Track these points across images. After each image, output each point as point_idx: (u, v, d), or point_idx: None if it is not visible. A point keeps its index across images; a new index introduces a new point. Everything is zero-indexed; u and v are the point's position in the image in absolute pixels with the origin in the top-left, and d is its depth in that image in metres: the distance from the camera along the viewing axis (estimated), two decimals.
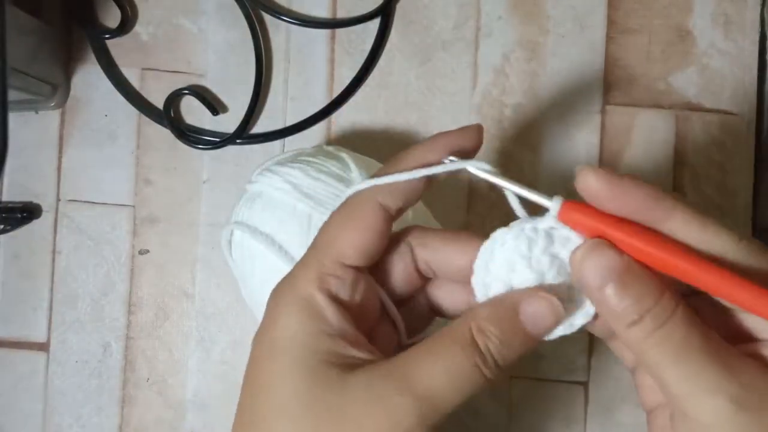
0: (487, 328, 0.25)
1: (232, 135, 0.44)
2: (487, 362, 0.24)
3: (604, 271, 0.23)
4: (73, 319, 0.44)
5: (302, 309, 0.26)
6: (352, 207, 0.27)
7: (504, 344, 0.25)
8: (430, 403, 0.24)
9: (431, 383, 0.24)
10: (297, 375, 0.25)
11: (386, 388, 0.24)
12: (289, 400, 0.24)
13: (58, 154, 0.45)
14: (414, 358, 0.25)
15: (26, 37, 0.41)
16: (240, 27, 0.44)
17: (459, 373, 0.24)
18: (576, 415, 0.43)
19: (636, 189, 0.23)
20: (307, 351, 0.25)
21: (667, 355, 0.23)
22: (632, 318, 0.23)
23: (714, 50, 0.44)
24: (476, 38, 0.45)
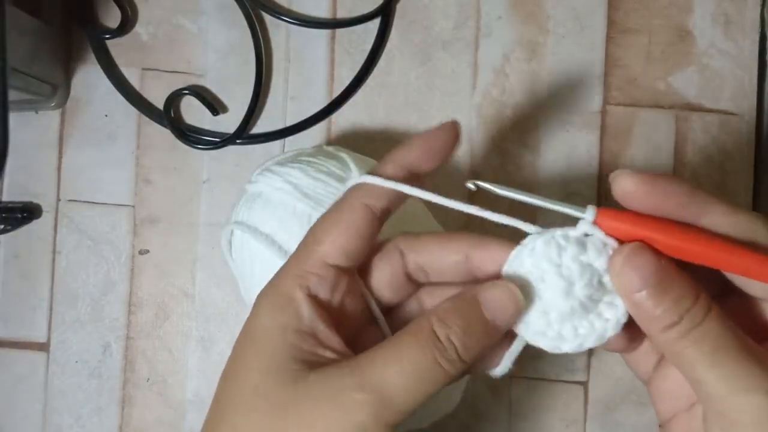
0: (449, 319, 0.25)
1: (232, 135, 0.44)
2: (447, 355, 0.24)
3: (643, 274, 0.24)
4: (73, 319, 0.44)
5: (278, 304, 0.26)
6: (338, 208, 0.27)
7: (467, 335, 0.24)
8: (385, 400, 0.23)
9: (387, 380, 0.24)
10: (262, 370, 0.25)
11: (341, 385, 0.24)
12: (250, 396, 0.25)
13: (58, 154, 0.45)
14: (372, 355, 0.24)
15: (26, 37, 0.41)
16: (240, 27, 0.44)
17: (417, 368, 0.24)
18: (576, 415, 0.43)
19: (671, 187, 0.24)
20: (275, 345, 0.25)
21: (704, 354, 0.23)
22: (672, 320, 0.23)
23: (714, 50, 0.44)
24: (476, 38, 0.45)
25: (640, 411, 0.43)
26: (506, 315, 0.25)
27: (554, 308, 0.25)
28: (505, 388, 0.43)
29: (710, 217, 0.24)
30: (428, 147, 0.28)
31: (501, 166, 0.44)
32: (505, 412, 0.43)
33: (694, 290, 0.24)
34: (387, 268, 0.28)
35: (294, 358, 0.25)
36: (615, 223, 0.24)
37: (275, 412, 0.24)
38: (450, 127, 0.28)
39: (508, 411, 0.43)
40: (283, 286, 0.26)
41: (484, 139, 0.44)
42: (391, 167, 0.27)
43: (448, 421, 0.41)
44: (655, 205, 0.24)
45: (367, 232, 0.27)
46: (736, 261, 0.24)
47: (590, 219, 0.25)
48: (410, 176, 0.27)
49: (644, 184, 0.23)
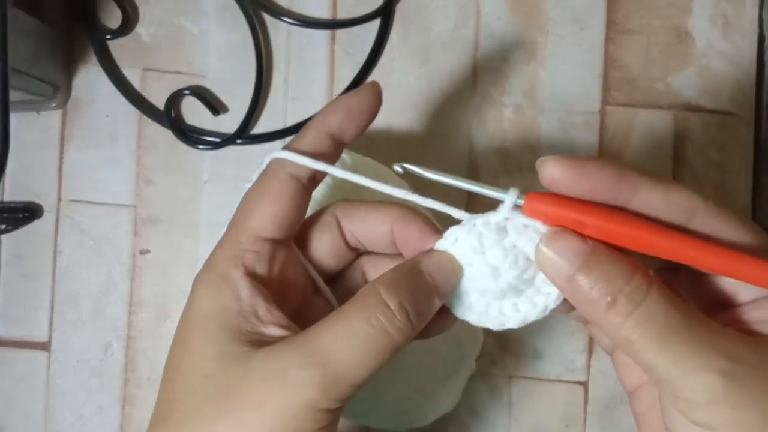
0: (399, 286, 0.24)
1: (232, 135, 0.44)
2: (397, 323, 0.24)
3: (568, 257, 0.23)
4: (74, 319, 0.44)
5: (216, 286, 0.25)
6: (262, 182, 0.27)
7: (418, 300, 0.24)
8: (332, 373, 0.23)
9: (333, 352, 0.23)
10: (206, 354, 0.24)
11: (286, 361, 0.23)
12: (197, 381, 0.24)
13: (59, 155, 0.45)
14: (318, 329, 0.24)
15: (28, 37, 0.41)
16: (240, 28, 0.44)
17: (363, 337, 0.23)
18: (576, 415, 0.43)
19: (598, 171, 0.23)
20: (217, 328, 0.24)
21: (651, 338, 0.22)
22: (605, 300, 0.23)
23: (713, 51, 0.44)
24: (476, 39, 0.45)
25: None
26: (448, 280, 0.25)
27: (488, 290, 0.26)
28: (505, 387, 0.43)
29: (641, 196, 0.23)
30: (349, 110, 0.27)
31: (501, 166, 0.44)
32: (504, 411, 0.43)
33: (628, 266, 0.23)
34: (326, 236, 0.28)
35: (237, 339, 0.24)
36: (541, 207, 0.24)
37: (224, 395, 0.23)
38: (371, 87, 0.28)
39: (507, 411, 0.43)
40: (218, 267, 0.26)
41: (484, 138, 0.44)
42: (313, 134, 0.27)
43: (448, 421, 0.41)
44: (583, 190, 0.23)
45: (296, 201, 0.26)
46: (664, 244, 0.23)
47: (510, 202, 0.25)
48: (334, 142, 0.27)
49: (570, 169, 0.23)
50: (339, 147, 0.27)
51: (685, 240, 0.23)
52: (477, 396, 0.43)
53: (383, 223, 0.27)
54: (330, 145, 0.27)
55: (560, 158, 0.23)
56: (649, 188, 0.23)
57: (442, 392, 0.38)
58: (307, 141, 0.27)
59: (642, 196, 0.23)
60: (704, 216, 0.23)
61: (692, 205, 0.23)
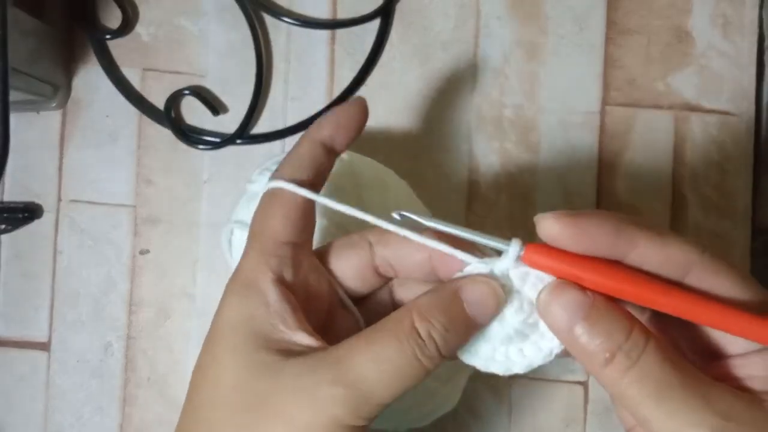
0: (431, 314, 0.24)
1: (232, 135, 0.44)
2: (427, 351, 0.24)
3: (569, 311, 0.24)
4: (74, 319, 0.44)
5: (243, 294, 0.26)
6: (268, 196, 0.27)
7: (448, 331, 0.24)
8: (362, 394, 0.23)
9: (365, 373, 0.23)
10: (235, 364, 0.24)
11: (318, 377, 0.23)
12: (226, 392, 0.24)
13: (59, 155, 0.45)
14: (350, 347, 0.24)
15: (28, 37, 0.41)
16: (240, 28, 0.44)
17: (395, 364, 0.24)
18: (576, 415, 0.43)
19: (595, 227, 0.23)
20: (245, 337, 0.25)
21: (647, 394, 0.23)
22: (604, 356, 0.23)
23: (713, 51, 0.44)
24: (476, 38, 0.45)
25: None
26: (487, 311, 0.25)
27: (494, 335, 0.26)
28: (505, 387, 0.43)
29: (638, 251, 0.24)
30: (338, 123, 0.28)
31: (501, 166, 0.44)
32: (504, 411, 0.43)
33: (627, 322, 0.23)
34: (354, 259, 0.28)
35: (266, 348, 0.24)
36: (540, 260, 0.24)
37: (252, 406, 0.24)
38: (357, 102, 0.28)
39: (507, 411, 0.43)
40: (245, 276, 0.26)
41: (484, 139, 0.44)
42: (307, 144, 0.28)
43: (448, 421, 0.41)
44: (581, 246, 0.24)
45: (304, 206, 0.27)
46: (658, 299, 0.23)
47: (514, 255, 0.25)
48: (326, 151, 0.28)
49: (567, 227, 0.23)
50: (332, 156, 0.28)
51: (679, 295, 0.23)
52: (477, 396, 0.43)
53: (421, 251, 0.27)
54: (323, 154, 0.28)
55: (558, 216, 0.24)
56: (645, 244, 0.24)
57: (442, 392, 0.38)
58: (303, 151, 0.27)
59: (639, 251, 0.24)
60: (700, 270, 0.24)
61: (689, 260, 0.24)
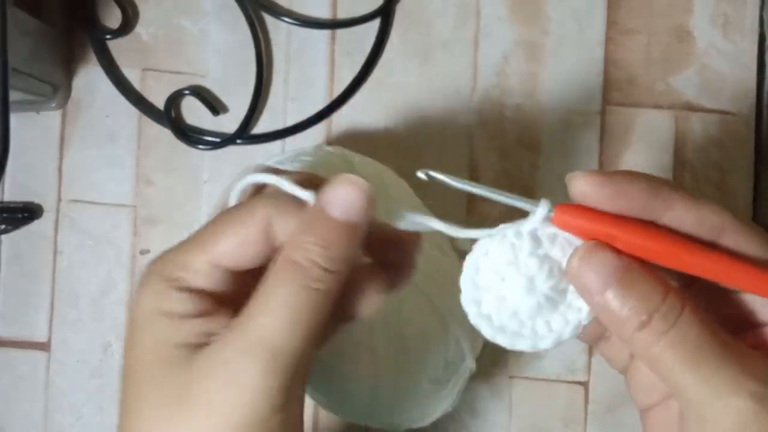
0: (301, 240, 0.23)
1: (232, 135, 0.44)
2: (313, 275, 0.23)
3: (603, 274, 0.23)
4: (74, 319, 0.44)
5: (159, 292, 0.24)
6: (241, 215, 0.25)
7: (324, 247, 0.23)
8: (270, 352, 0.22)
9: (266, 331, 0.22)
10: (153, 362, 0.23)
11: (229, 355, 0.22)
12: (148, 389, 0.23)
13: (59, 155, 0.45)
14: (248, 310, 0.23)
15: (27, 37, 0.41)
16: (240, 28, 0.44)
17: (290, 305, 0.22)
18: (576, 415, 0.43)
19: (630, 186, 0.23)
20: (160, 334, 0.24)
21: (683, 359, 0.22)
22: (640, 320, 0.22)
23: (713, 51, 0.44)
24: (476, 38, 0.45)
25: None
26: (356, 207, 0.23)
27: (522, 307, 0.25)
28: (505, 387, 0.43)
29: (673, 212, 0.23)
30: None
31: (501, 166, 0.44)
32: (505, 412, 0.43)
33: (662, 286, 0.23)
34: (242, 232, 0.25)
35: (177, 344, 0.23)
36: (572, 220, 0.23)
37: (172, 400, 0.23)
38: None
39: (508, 411, 0.43)
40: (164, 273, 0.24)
41: (484, 139, 0.44)
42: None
43: (448, 421, 0.41)
44: (615, 206, 0.23)
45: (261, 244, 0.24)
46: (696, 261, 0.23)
47: (542, 214, 0.24)
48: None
49: (601, 185, 0.23)
50: None
51: (715, 257, 0.23)
52: (477, 396, 0.43)
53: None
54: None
55: (592, 173, 0.23)
56: (681, 204, 0.23)
57: (442, 392, 0.38)
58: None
59: (674, 212, 0.23)
60: (733, 233, 0.23)
61: (722, 222, 0.23)
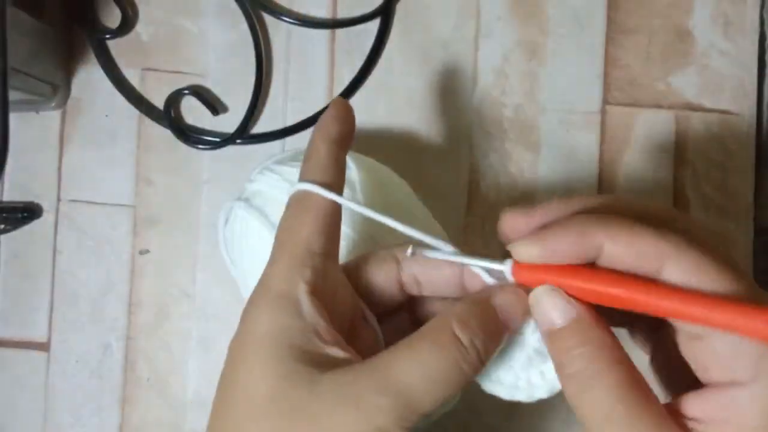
0: (471, 323, 0.25)
1: (232, 135, 0.44)
2: (469, 358, 0.24)
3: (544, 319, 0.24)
4: (73, 319, 0.44)
5: (275, 305, 0.25)
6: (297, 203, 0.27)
7: (488, 338, 0.25)
8: (408, 404, 0.23)
9: (409, 382, 0.24)
10: (270, 374, 0.24)
11: (361, 388, 0.23)
12: (261, 401, 0.24)
13: (58, 155, 0.45)
14: (391, 356, 0.24)
15: (27, 37, 0.41)
16: (240, 27, 0.44)
17: (438, 370, 0.24)
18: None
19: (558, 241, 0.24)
20: (280, 348, 0.24)
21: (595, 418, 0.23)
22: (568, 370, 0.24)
23: (714, 50, 0.44)
24: (476, 38, 0.45)
25: None
26: (517, 317, 0.26)
27: (515, 361, 0.26)
28: None
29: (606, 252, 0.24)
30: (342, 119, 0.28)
31: (501, 166, 0.44)
32: (505, 412, 0.43)
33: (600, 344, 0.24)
34: (381, 274, 0.28)
35: (303, 360, 0.24)
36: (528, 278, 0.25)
37: (289, 417, 0.23)
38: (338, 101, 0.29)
39: (508, 411, 0.43)
40: (276, 286, 0.26)
41: (484, 139, 0.44)
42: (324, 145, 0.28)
43: (448, 421, 0.41)
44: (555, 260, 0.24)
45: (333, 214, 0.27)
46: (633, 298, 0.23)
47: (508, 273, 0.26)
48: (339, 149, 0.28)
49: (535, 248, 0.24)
50: (344, 155, 0.28)
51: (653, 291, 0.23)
52: (477, 396, 0.43)
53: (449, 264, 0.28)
54: (341, 153, 0.28)
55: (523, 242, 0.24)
56: (611, 243, 0.23)
57: None
58: (322, 152, 0.28)
59: (606, 252, 0.24)
60: (675, 263, 0.23)
61: (661, 253, 0.23)
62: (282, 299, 0.25)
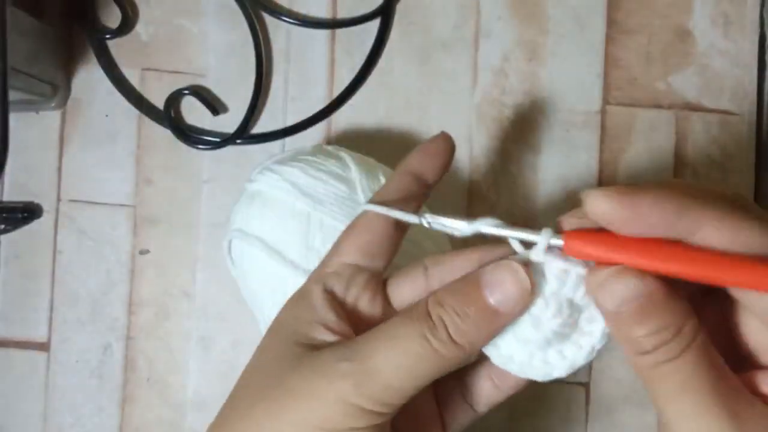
0: (444, 299, 0.24)
1: (232, 135, 0.44)
2: (437, 334, 0.23)
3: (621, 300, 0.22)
4: (73, 319, 0.44)
5: (296, 300, 0.27)
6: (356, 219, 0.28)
7: (462, 316, 0.23)
8: (369, 371, 0.23)
9: (373, 353, 0.24)
10: (272, 355, 0.26)
11: (330, 358, 0.24)
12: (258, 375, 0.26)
13: (58, 155, 0.45)
14: (367, 335, 0.25)
15: (27, 37, 0.41)
16: (240, 27, 0.44)
17: (403, 343, 0.23)
18: (577, 416, 0.43)
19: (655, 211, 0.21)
20: (287, 334, 0.26)
21: (673, 389, 0.22)
22: (645, 349, 0.22)
23: (714, 50, 0.44)
24: (476, 38, 0.45)
25: (642, 412, 0.43)
26: (510, 300, 0.23)
27: (530, 340, 0.24)
28: None
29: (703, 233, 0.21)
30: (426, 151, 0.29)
31: (501, 166, 0.44)
32: (505, 412, 0.43)
33: (679, 319, 0.22)
34: (409, 284, 0.28)
35: (300, 343, 0.25)
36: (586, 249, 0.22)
37: (273, 387, 0.25)
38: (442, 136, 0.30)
39: (508, 411, 0.43)
40: (304, 287, 0.28)
41: (484, 139, 0.44)
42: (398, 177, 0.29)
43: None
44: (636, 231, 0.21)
45: (385, 233, 0.27)
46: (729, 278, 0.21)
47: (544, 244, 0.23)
48: (418, 182, 0.28)
49: (623, 208, 0.21)
50: (423, 185, 0.29)
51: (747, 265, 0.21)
52: None
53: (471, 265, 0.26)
54: (412, 182, 0.28)
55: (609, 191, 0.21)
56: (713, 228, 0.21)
57: None
58: (393, 182, 0.29)
59: (704, 233, 0.21)
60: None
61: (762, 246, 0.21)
62: (302, 295, 0.27)
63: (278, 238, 0.35)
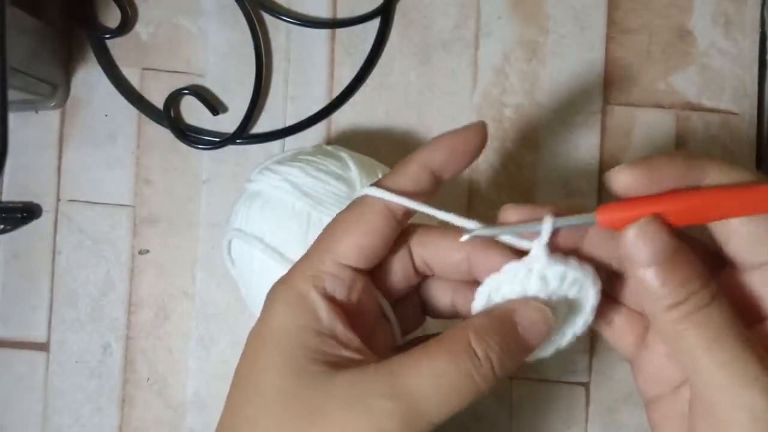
0: (488, 335, 0.25)
1: (232, 135, 0.44)
2: (482, 371, 0.24)
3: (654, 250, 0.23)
4: (73, 319, 0.44)
5: (294, 304, 0.26)
6: (358, 210, 0.27)
7: (504, 353, 0.25)
8: (416, 411, 0.23)
9: (419, 390, 0.23)
10: (283, 371, 0.24)
11: (370, 389, 0.23)
12: (272, 397, 0.24)
13: (58, 154, 0.45)
14: (404, 361, 0.24)
15: (26, 37, 0.41)
16: (240, 27, 0.44)
17: (450, 381, 0.24)
18: (577, 416, 0.43)
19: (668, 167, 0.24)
20: (295, 347, 0.25)
21: (705, 339, 0.23)
22: (676, 300, 0.23)
23: (714, 50, 0.44)
24: (476, 38, 0.44)
25: (642, 412, 0.42)
26: (539, 335, 0.26)
27: None
28: (507, 389, 0.43)
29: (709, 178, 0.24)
30: (454, 148, 0.27)
31: (502, 166, 0.44)
32: (506, 413, 0.43)
33: (704, 275, 0.24)
34: (398, 264, 0.28)
35: (317, 360, 0.24)
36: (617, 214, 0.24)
37: (301, 414, 0.24)
38: (478, 127, 0.27)
39: (509, 412, 0.43)
40: (296, 286, 0.26)
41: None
42: (415, 168, 0.27)
43: (448, 421, 0.41)
44: (657, 186, 0.24)
45: (386, 232, 0.26)
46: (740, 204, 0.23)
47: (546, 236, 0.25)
48: (433, 178, 0.27)
49: (643, 175, 0.24)
50: (438, 184, 0.27)
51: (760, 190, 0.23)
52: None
53: (459, 251, 0.27)
54: (429, 181, 0.27)
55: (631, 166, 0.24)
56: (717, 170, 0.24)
57: None
58: (408, 174, 0.27)
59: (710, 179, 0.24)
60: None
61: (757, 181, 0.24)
62: (301, 299, 0.26)
63: (278, 238, 0.35)
